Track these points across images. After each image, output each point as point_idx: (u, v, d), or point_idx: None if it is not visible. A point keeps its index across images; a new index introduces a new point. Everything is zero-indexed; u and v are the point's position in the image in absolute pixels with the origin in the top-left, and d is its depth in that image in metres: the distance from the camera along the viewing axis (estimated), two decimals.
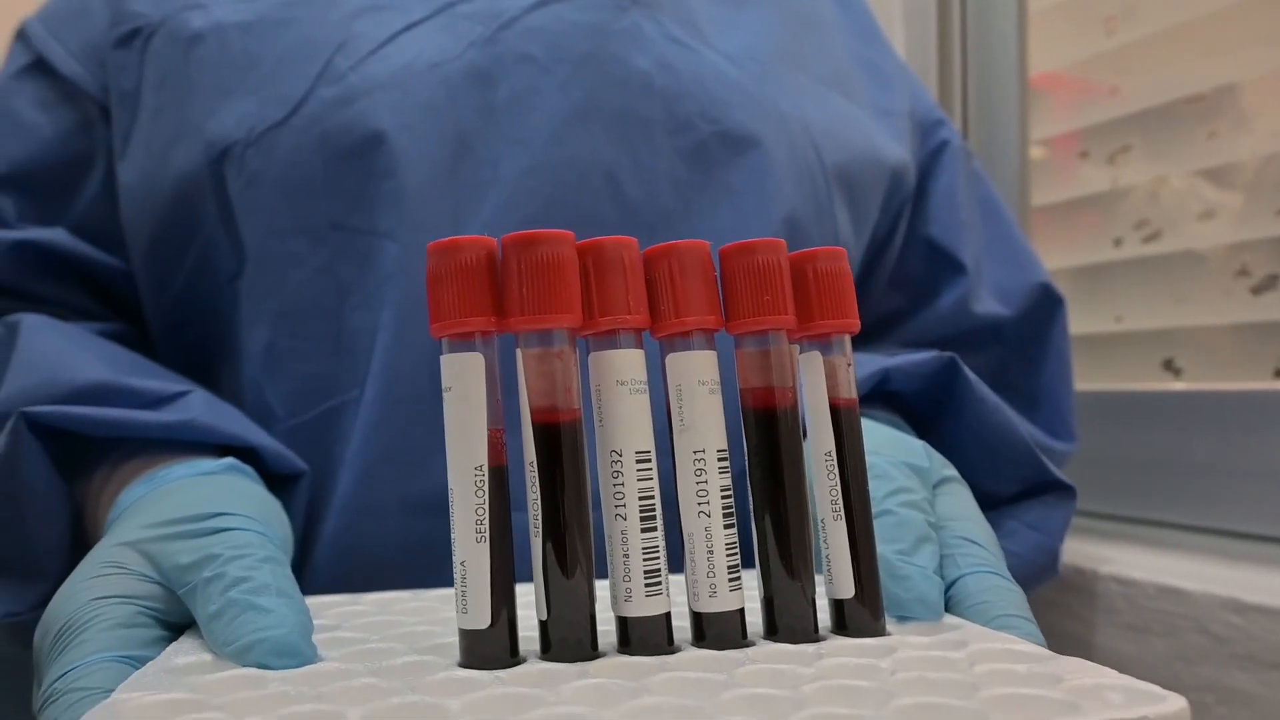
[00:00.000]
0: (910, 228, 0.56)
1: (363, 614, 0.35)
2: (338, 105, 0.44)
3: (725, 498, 0.29)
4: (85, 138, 0.49)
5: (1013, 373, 0.55)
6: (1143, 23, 0.66)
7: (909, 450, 0.38)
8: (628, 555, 0.28)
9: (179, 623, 0.32)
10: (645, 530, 0.28)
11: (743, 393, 0.30)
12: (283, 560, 0.31)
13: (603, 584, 0.28)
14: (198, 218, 0.46)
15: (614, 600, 0.28)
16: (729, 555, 0.29)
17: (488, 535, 0.27)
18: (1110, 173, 0.68)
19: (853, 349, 0.31)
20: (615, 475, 0.28)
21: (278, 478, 0.42)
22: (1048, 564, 0.46)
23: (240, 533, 0.31)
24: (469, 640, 0.27)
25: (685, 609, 0.29)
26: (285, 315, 0.45)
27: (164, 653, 0.29)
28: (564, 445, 0.27)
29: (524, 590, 0.28)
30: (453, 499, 0.27)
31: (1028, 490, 0.47)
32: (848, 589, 0.30)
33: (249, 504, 0.34)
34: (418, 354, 0.43)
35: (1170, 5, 0.64)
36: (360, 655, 0.29)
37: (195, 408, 0.41)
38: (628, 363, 0.28)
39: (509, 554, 0.28)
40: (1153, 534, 0.60)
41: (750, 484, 0.30)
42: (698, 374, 0.29)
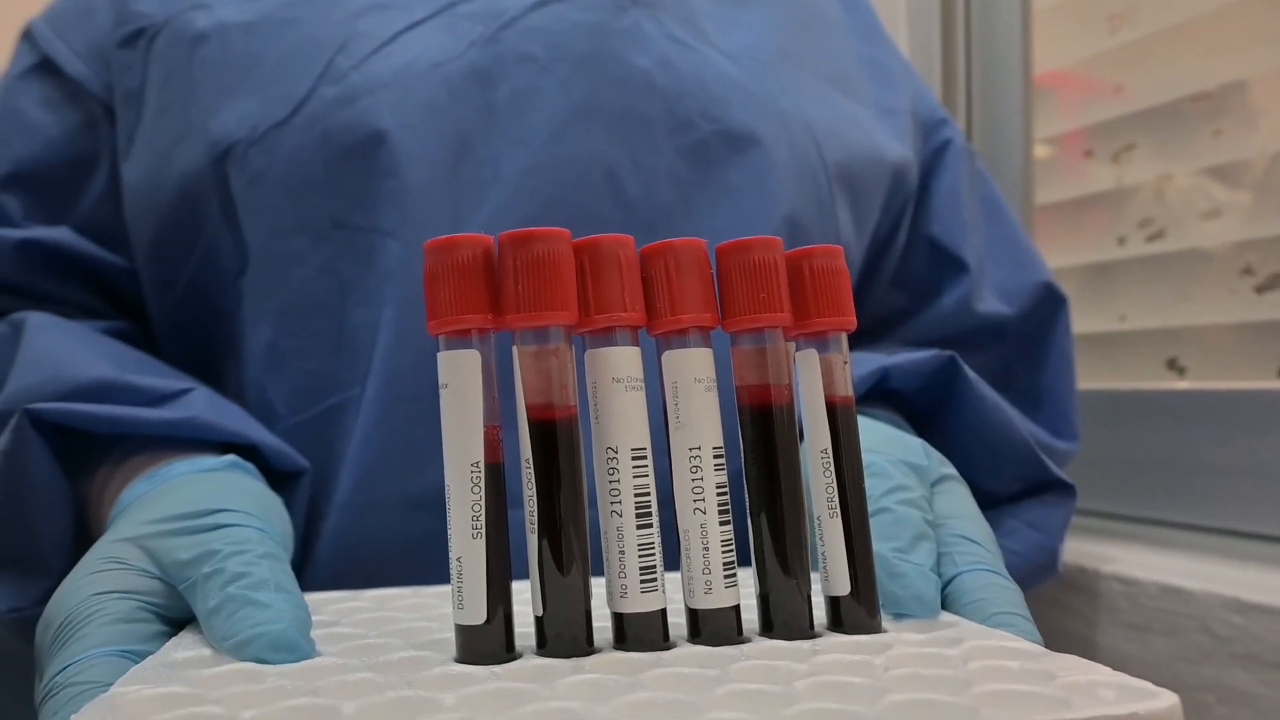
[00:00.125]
0: (912, 227, 0.56)
1: (361, 610, 0.35)
2: (340, 104, 0.44)
3: (721, 495, 0.29)
4: (90, 137, 0.49)
5: (1015, 372, 0.55)
6: (1147, 20, 0.66)
7: (907, 448, 0.38)
8: (623, 552, 0.28)
9: (179, 618, 0.32)
10: (641, 527, 0.28)
11: (739, 390, 0.30)
12: (282, 556, 0.31)
13: (599, 580, 0.29)
14: (201, 217, 0.46)
15: (610, 596, 0.29)
16: (724, 552, 0.29)
17: (484, 531, 0.27)
18: (1115, 171, 0.68)
19: (854, 348, 0.31)
20: (611, 472, 0.28)
21: (279, 475, 0.42)
22: (1047, 563, 0.46)
23: (240, 529, 0.32)
24: (465, 636, 0.28)
25: (681, 605, 0.29)
26: (287, 313, 0.45)
27: (163, 647, 0.29)
28: (560, 442, 0.28)
29: (520, 587, 0.28)
30: (449, 495, 0.28)
31: (1028, 489, 0.47)
32: (843, 586, 0.30)
33: (249, 501, 0.34)
34: (419, 352, 0.43)
35: (1175, 3, 0.64)
36: (357, 650, 0.29)
37: (197, 405, 0.41)
38: (624, 360, 0.28)
39: (505, 550, 0.28)
40: (1155, 533, 0.60)
41: (746, 481, 0.30)
42: (694, 371, 0.29)
